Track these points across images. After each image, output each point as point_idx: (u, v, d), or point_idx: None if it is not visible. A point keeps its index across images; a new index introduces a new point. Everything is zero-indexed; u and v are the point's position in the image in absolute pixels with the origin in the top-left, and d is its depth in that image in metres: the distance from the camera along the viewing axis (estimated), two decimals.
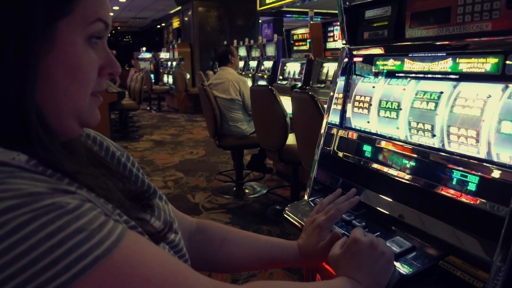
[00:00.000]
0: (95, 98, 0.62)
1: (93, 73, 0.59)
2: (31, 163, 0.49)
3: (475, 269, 0.85)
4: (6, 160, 0.46)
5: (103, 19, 0.59)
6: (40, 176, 0.48)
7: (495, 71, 0.92)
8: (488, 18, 0.92)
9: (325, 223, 0.97)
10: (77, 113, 0.59)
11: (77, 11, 0.56)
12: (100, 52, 0.61)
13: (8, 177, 0.44)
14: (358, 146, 1.29)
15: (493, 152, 0.90)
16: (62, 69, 0.55)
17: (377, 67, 1.30)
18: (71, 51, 0.56)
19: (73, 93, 0.57)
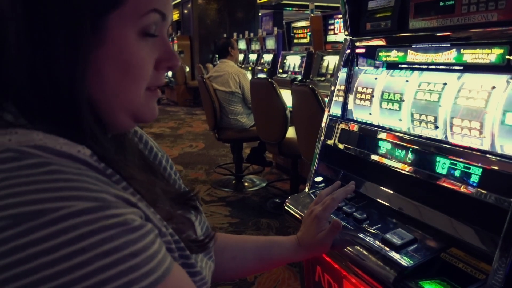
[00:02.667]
0: (151, 92, 0.59)
1: (147, 68, 0.56)
2: (94, 159, 0.48)
3: (477, 261, 0.84)
4: (72, 152, 0.46)
5: (159, 10, 0.55)
6: (103, 177, 0.47)
7: (500, 62, 0.91)
8: (493, 8, 0.91)
9: (322, 213, 0.96)
10: (131, 109, 0.57)
11: (129, 3, 0.53)
12: (158, 44, 0.57)
13: (76, 174, 0.43)
14: (360, 138, 1.28)
15: (497, 144, 0.90)
16: (113, 64, 0.53)
17: (380, 58, 1.29)
18: (122, 46, 0.53)
19: (125, 89, 0.55)
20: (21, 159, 0.42)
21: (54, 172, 0.42)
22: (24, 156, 0.42)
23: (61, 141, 0.46)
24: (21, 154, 0.43)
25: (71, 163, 0.45)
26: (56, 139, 0.46)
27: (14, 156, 0.42)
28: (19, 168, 0.41)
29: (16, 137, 0.45)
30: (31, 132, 0.46)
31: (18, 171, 0.41)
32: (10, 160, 0.42)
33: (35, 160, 0.42)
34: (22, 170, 0.41)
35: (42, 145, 0.44)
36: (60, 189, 0.41)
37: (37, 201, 0.39)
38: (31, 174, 0.41)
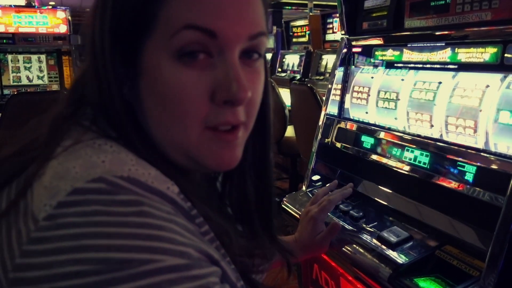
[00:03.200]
0: (213, 133, 0.48)
1: (194, 100, 0.46)
2: (181, 197, 0.45)
3: (472, 258, 0.85)
4: (162, 189, 0.43)
5: (197, 25, 0.44)
6: (189, 223, 0.44)
7: (494, 61, 0.92)
8: (487, 7, 0.92)
9: (318, 214, 0.97)
10: (185, 150, 0.49)
11: (159, 23, 0.45)
12: (216, 69, 0.47)
13: (167, 220, 0.41)
14: (357, 137, 1.29)
15: (491, 142, 0.90)
16: (151, 97, 0.47)
17: (376, 57, 1.30)
18: (156, 74, 0.46)
19: (169, 126, 0.48)
20: (114, 193, 0.40)
21: (146, 215, 0.40)
22: (117, 190, 0.40)
23: (152, 173, 0.44)
24: (114, 187, 0.40)
25: (161, 202, 0.42)
26: (147, 168, 0.44)
27: (107, 189, 0.40)
28: (112, 203, 0.39)
29: (110, 159, 0.43)
30: (124, 153, 0.44)
31: (110, 206, 0.39)
32: (103, 192, 0.40)
33: (128, 197, 0.40)
34: (115, 206, 0.39)
35: (134, 178, 0.42)
36: (150, 238, 0.39)
37: (126, 248, 0.37)
38: (123, 213, 0.39)
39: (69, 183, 0.40)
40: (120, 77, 0.48)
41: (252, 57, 0.50)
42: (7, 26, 3.75)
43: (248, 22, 0.47)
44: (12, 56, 3.79)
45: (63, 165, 0.42)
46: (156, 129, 0.49)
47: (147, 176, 0.43)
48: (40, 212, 0.40)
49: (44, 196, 0.41)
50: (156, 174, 0.44)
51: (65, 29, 3.95)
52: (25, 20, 3.81)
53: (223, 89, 0.46)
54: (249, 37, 0.48)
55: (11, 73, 3.78)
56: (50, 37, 3.88)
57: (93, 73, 0.48)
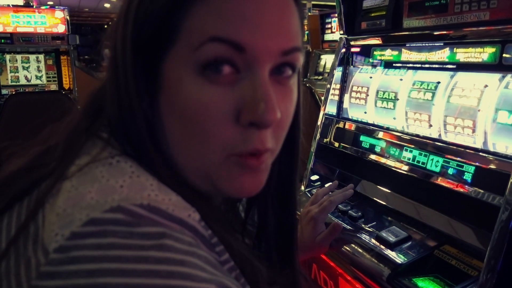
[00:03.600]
0: (236, 157, 0.44)
1: (216, 120, 0.42)
2: (202, 224, 0.42)
3: (470, 258, 0.85)
4: (182, 217, 0.40)
5: (223, 38, 0.41)
6: (210, 254, 0.41)
7: (492, 60, 0.92)
8: (486, 7, 0.92)
9: (319, 215, 0.97)
10: (204, 173, 0.46)
11: (182, 32, 0.42)
12: (243, 87, 0.42)
13: (189, 254, 0.37)
14: (355, 136, 1.29)
15: (489, 142, 0.90)
16: (171, 114, 0.44)
17: (375, 57, 1.30)
18: (177, 89, 0.43)
19: (189, 146, 0.44)
20: (134, 225, 0.37)
21: (167, 249, 0.36)
22: (136, 221, 0.37)
23: (173, 199, 0.41)
24: (133, 217, 0.37)
25: (182, 232, 0.39)
26: (168, 193, 0.41)
27: (126, 219, 0.37)
28: (130, 235, 0.36)
29: (128, 183, 0.40)
30: (144, 176, 0.41)
31: (129, 239, 0.36)
32: (121, 223, 0.36)
33: (148, 229, 0.37)
34: (134, 239, 0.36)
35: (155, 207, 0.39)
36: (171, 276, 0.35)
37: (145, 287, 0.34)
38: (143, 247, 0.36)
39: (85, 212, 0.37)
40: (141, 92, 0.45)
41: (285, 73, 0.45)
42: (5, 25, 3.74)
43: (281, 36, 0.43)
44: (10, 56, 3.78)
45: (78, 189, 0.39)
46: (176, 149, 0.45)
47: (168, 203, 0.40)
48: (51, 243, 0.36)
49: (56, 225, 0.37)
50: (177, 200, 0.41)
51: (64, 28, 3.94)
52: (23, 19, 3.81)
53: (250, 109, 0.41)
54: (282, 53, 0.43)
55: (9, 73, 3.77)
56: (49, 36, 3.87)
57: (113, 86, 0.45)
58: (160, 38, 0.43)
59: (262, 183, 0.48)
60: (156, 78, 0.44)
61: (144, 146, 0.44)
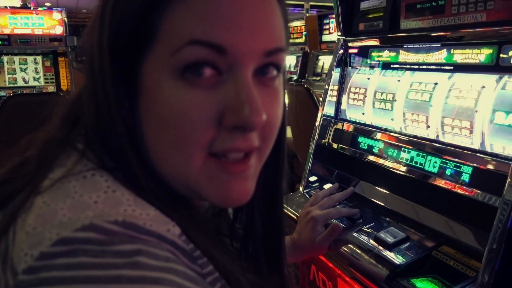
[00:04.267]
0: (218, 163, 0.42)
1: (197, 124, 0.40)
2: (183, 239, 0.40)
3: (468, 259, 0.86)
4: (160, 232, 0.38)
5: (204, 40, 0.39)
6: (192, 267, 0.40)
7: (489, 61, 0.93)
8: (483, 8, 0.92)
9: (321, 217, 0.97)
10: (185, 182, 0.44)
11: (159, 35, 0.41)
12: (226, 90, 0.41)
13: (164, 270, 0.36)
14: (353, 137, 1.29)
15: (487, 143, 0.91)
16: (150, 120, 0.42)
17: (372, 58, 1.30)
18: (155, 94, 0.41)
19: (168, 152, 0.42)
20: (106, 243, 0.35)
21: (141, 267, 0.35)
22: (109, 239, 0.35)
23: (151, 214, 0.39)
24: (107, 235, 0.35)
25: (159, 247, 0.37)
26: (145, 208, 0.39)
27: (98, 238, 0.35)
28: (103, 254, 0.34)
29: (103, 198, 0.38)
30: (120, 191, 0.40)
31: (101, 258, 0.34)
32: (93, 242, 0.35)
33: (122, 247, 0.35)
34: (106, 258, 0.34)
35: (131, 222, 0.37)
36: None
37: None
38: (115, 265, 0.34)
39: (55, 231, 0.35)
40: (120, 98, 0.43)
41: (269, 74, 0.44)
42: (2, 27, 3.74)
43: (264, 36, 0.42)
44: (8, 57, 3.77)
45: (49, 205, 0.37)
46: (156, 157, 0.44)
47: (145, 218, 0.38)
48: (20, 263, 0.35)
49: (26, 244, 0.35)
50: (155, 215, 0.39)
51: (61, 30, 3.94)
52: (21, 21, 3.80)
53: (233, 112, 0.40)
54: (265, 53, 0.42)
55: (6, 74, 3.77)
56: (46, 38, 3.87)
57: (91, 93, 0.44)
58: (137, 41, 0.41)
59: (250, 191, 0.45)
60: (134, 83, 0.43)
61: (124, 156, 0.42)
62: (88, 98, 0.44)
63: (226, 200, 0.44)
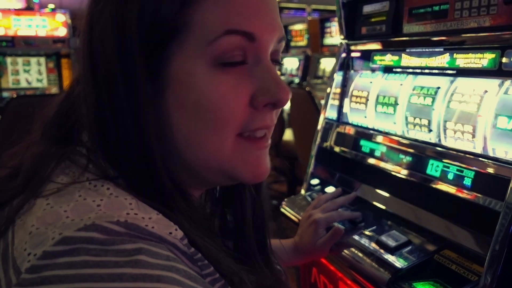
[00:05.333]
0: (248, 141, 0.47)
1: (233, 107, 0.44)
2: (184, 242, 0.41)
3: (470, 263, 0.86)
4: (162, 235, 0.40)
5: (238, 29, 0.44)
6: (191, 268, 0.40)
7: (492, 66, 0.93)
8: (485, 13, 0.92)
9: (323, 220, 0.97)
10: (218, 164, 0.47)
11: (191, 29, 0.43)
12: (253, 73, 0.46)
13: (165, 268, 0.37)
14: (355, 141, 1.30)
15: (489, 147, 0.91)
16: (181, 109, 0.44)
17: (375, 62, 1.31)
18: (188, 84, 0.44)
19: (202, 139, 0.45)
20: (108, 243, 0.36)
21: (142, 265, 0.36)
22: (111, 239, 0.36)
23: (153, 217, 0.40)
24: (108, 235, 0.36)
25: (159, 247, 0.38)
26: (148, 212, 0.41)
27: (100, 238, 0.36)
28: (105, 253, 0.35)
29: (106, 202, 0.39)
30: (123, 196, 0.41)
31: (103, 257, 0.35)
32: (95, 241, 0.36)
33: (123, 246, 0.36)
34: (108, 256, 0.35)
35: (132, 223, 0.38)
36: None
37: None
38: (117, 264, 0.35)
39: (58, 230, 0.36)
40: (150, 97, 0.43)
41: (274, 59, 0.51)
42: (6, 29, 3.76)
43: (278, 25, 0.48)
44: (12, 58, 3.79)
45: (53, 207, 0.39)
46: (185, 146, 0.45)
47: (147, 221, 0.39)
48: (23, 262, 0.35)
49: (28, 243, 0.36)
50: (157, 219, 0.40)
51: (65, 32, 3.96)
52: (25, 23, 3.83)
53: (266, 92, 0.46)
54: (277, 40, 0.49)
55: (10, 75, 3.79)
56: (50, 40, 3.89)
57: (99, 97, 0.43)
58: (167, 37, 0.43)
59: (270, 165, 0.51)
60: (160, 78, 0.44)
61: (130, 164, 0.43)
62: (94, 104, 0.44)
63: (257, 175, 0.49)
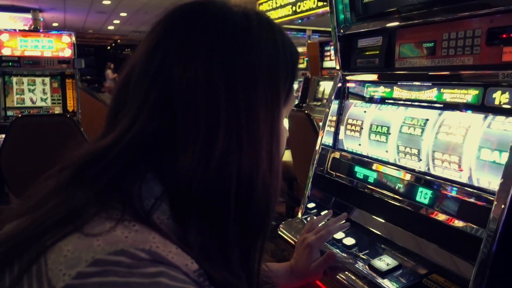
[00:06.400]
0: None
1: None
2: (196, 274, 0.47)
3: (456, 287, 0.90)
4: (180, 265, 0.45)
5: None
6: None
7: (476, 102, 0.99)
8: (469, 53, 1.00)
9: (315, 243, 1.02)
10: None
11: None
12: None
13: None
14: (350, 167, 1.35)
15: (474, 177, 0.97)
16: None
17: (369, 93, 1.38)
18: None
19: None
20: (134, 266, 0.42)
21: (163, 286, 0.42)
22: (136, 263, 0.42)
23: (173, 251, 0.46)
24: (134, 260, 0.42)
25: (177, 272, 0.45)
26: (168, 246, 0.46)
27: (127, 262, 0.42)
28: (131, 275, 0.41)
29: (133, 235, 0.45)
30: (147, 232, 0.46)
31: (129, 278, 0.41)
32: (123, 264, 0.42)
33: (147, 270, 0.42)
34: (134, 278, 0.41)
35: (156, 252, 0.44)
36: None
37: None
38: (142, 284, 0.41)
39: (91, 254, 0.42)
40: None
41: None
42: (13, 49, 3.85)
43: None
44: (17, 78, 3.87)
45: (87, 236, 0.44)
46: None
47: (168, 252, 0.45)
48: (59, 282, 0.41)
49: (64, 265, 0.42)
50: (176, 252, 0.46)
51: (70, 53, 4.05)
52: (31, 44, 3.92)
53: None
54: None
55: (15, 95, 3.86)
56: (55, 60, 3.98)
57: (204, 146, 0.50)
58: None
59: None
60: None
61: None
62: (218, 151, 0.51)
63: None
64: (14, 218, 0.53)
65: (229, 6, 0.57)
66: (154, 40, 0.54)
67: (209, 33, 0.53)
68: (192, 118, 0.50)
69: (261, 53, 0.55)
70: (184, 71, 0.51)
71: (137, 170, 0.51)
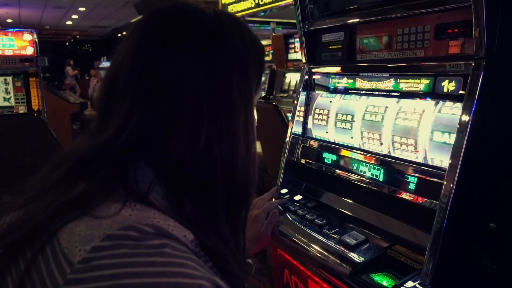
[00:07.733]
0: None
1: None
2: (193, 244, 0.54)
3: (416, 255, 1.01)
4: (179, 236, 0.52)
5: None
6: (200, 261, 0.53)
7: (428, 90, 1.11)
8: (421, 46, 1.11)
9: (260, 213, 1.21)
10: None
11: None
12: None
13: (185, 257, 0.49)
14: (319, 153, 1.45)
15: (428, 157, 1.08)
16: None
17: (333, 84, 1.48)
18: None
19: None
20: (141, 239, 0.48)
21: (168, 255, 0.48)
22: (143, 236, 0.48)
23: (171, 224, 0.53)
24: (141, 233, 0.48)
25: (177, 243, 0.51)
26: (167, 220, 0.53)
27: (135, 235, 0.48)
28: (138, 246, 0.47)
29: (136, 213, 0.51)
30: (148, 210, 0.53)
31: (138, 249, 0.47)
32: (132, 238, 0.47)
33: (152, 242, 0.48)
34: (142, 249, 0.47)
35: (158, 226, 0.51)
36: (174, 274, 0.46)
37: (154, 285, 0.45)
38: (149, 254, 0.47)
39: (102, 231, 0.48)
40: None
41: None
42: None
43: None
44: None
45: (96, 219, 0.50)
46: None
47: (167, 225, 0.52)
48: (76, 257, 0.46)
49: (79, 242, 0.47)
50: (175, 225, 0.53)
51: (32, 51, 3.95)
52: None
53: None
54: None
55: None
56: (17, 59, 3.87)
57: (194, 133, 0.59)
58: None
59: None
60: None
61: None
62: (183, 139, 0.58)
63: None
64: (11, 211, 0.58)
65: (202, 8, 0.65)
66: (137, 40, 0.61)
67: (189, 33, 0.60)
68: (178, 111, 0.58)
69: (233, 49, 0.63)
70: (168, 69, 0.58)
71: (132, 159, 0.58)
